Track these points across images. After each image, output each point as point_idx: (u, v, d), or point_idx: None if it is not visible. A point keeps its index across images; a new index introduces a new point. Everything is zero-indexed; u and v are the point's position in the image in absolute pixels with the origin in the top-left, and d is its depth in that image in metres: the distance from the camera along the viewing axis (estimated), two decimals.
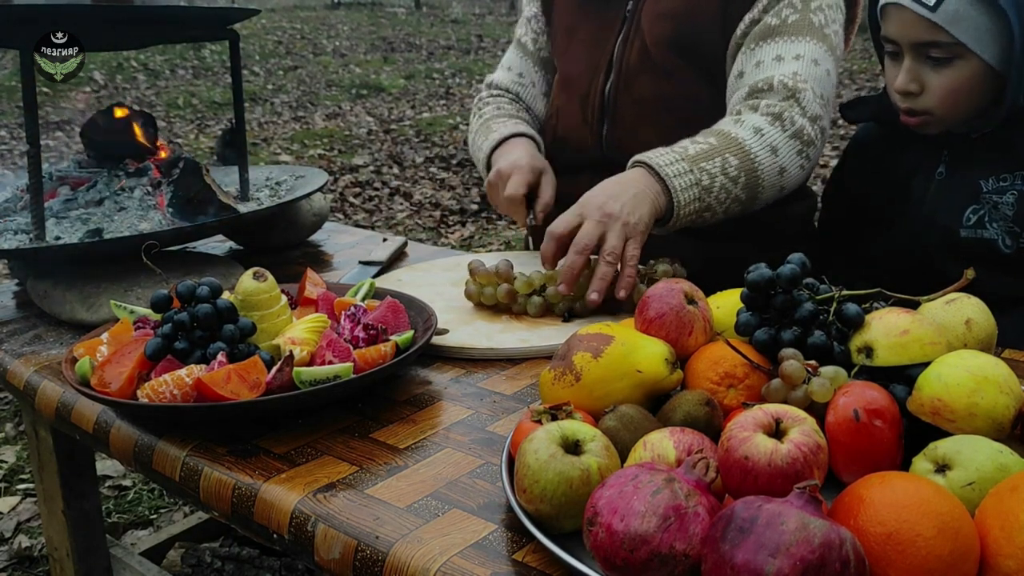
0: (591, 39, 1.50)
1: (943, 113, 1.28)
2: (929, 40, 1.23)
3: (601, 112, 1.47)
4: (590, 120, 1.48)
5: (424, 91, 8.89)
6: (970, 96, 1.26)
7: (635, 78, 1.44)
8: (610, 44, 1.47)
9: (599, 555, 0.63)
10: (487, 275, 1.23)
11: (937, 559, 0.58)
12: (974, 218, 1.28)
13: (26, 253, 1.30)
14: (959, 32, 1.21)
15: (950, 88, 1.25)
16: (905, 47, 1.27)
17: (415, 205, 4.99)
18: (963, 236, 1.29)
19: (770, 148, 1.26)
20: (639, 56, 1.43)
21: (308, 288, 1.13)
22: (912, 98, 1.29)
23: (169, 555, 1.86)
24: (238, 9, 1.49)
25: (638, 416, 0.79)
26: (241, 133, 1.54)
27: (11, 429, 2.59)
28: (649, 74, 1.43)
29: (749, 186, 1.25)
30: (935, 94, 1.26)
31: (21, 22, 1.27)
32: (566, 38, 1.55)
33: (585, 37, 1.52)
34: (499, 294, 1.21)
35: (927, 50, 1.25)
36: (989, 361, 0.75)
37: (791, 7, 1.34)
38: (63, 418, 1.05)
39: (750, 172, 1.24)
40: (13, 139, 6.29)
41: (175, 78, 9.07)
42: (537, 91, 1.65)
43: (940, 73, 1.25)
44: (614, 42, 1.47)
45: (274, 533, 0.81)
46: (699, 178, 1.21)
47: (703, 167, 1.22)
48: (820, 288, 0.87)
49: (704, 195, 1.22)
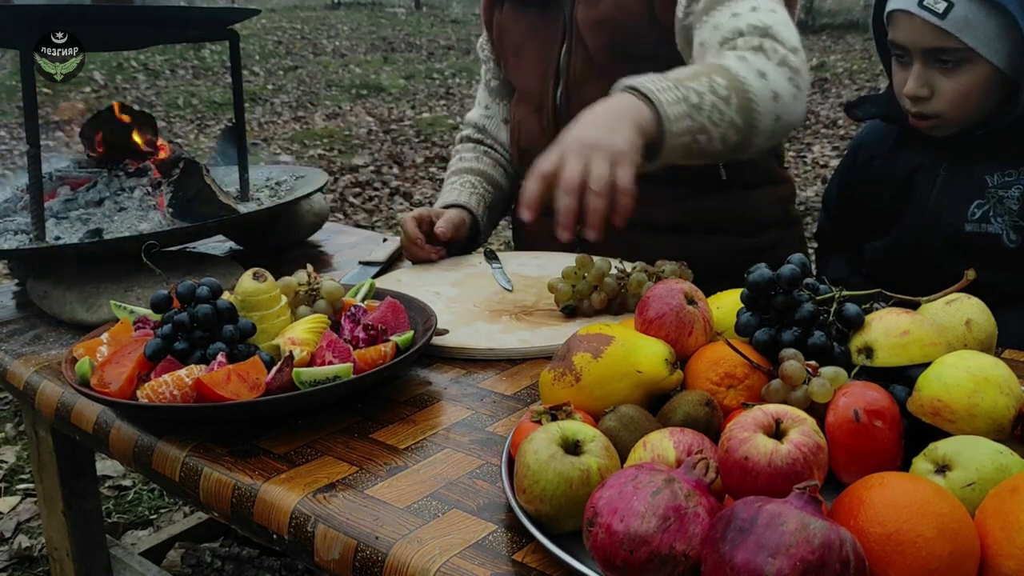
0: (537, 53, 1.55)
1: (953, 116, 1.29)
2: (939, 46, 1.24)
3: (555, 119, 1.51)
4: (546, 127, 1.52)
5: (424, 91, 8.89)
6: (980, 99, 1.27)
7: (582, 85, 1.47)
8: (555, 53, 1.51)
9: (599, 555, 0.63)
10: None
11: (937, 559, 0.58)
12: (979, 213, 1.29)
13: (26, 253, 1.30)
14: (968, 38, 1.21)
15: (960, 92, 1.26)
16: (915, 53, 1.28)
17: (415, 205, 4.99)
18: (968, 231, 1.29)
19: (757, 72, 1.17)
20: (583, 63, 1.47)
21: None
22: (922, 102, 1.29)
23: (169, 555, 1.86)
24: (238, 9, 1.49)
25: (638, 416, 0.79)
26: (241, 133, 1.54)
27: (11, 429, 2.59)
28: (595, 79, 1.43)
29: (743, 108, 1.15)
30: (945, 98, 1.27)
31: (21, 22, 1.27)
32: (515, 57, 1.62)
33: (531, 53, 1.57)
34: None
35: (937, 55, 1.25)
36: (989, 361, 0.75)
37: None
38: (63, 418, 1.05)
39: (741, 93, 1.15)
40: (13, 139, 6.29)
41: (175, 78, 9.07)
42: (499, 119, 1.74)
43: (950, 78, 1.26)
44: (559, 51, 1.51)
45: (274, 533, 0.81)
46: (685, 94, 1.11)
47: (688, 85, 1.12)
48: (820, 289, 0.87)
49: (695, 113, 1.11)
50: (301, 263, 1.16)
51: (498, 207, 1.69)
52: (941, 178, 1.34)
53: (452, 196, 1.60)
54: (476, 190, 1.62)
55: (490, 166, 1.69)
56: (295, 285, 1.09)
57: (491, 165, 1.70)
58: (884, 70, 1.41)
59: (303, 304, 1.09)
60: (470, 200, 1.58)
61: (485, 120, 1.75)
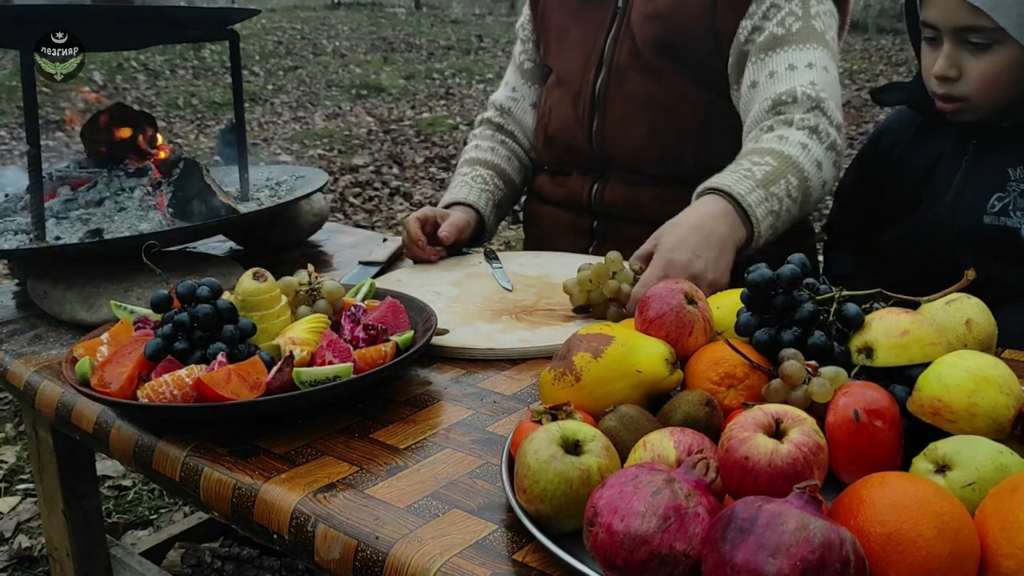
0: (582, 39, 1.55)
1: (980, 100, 1.29)
2: (970, 25, 1.24)
3: (592, 107, 1.52)
4: (581, 115, 1.53)
5: (424, 91, 8.89)
6: (1007, 83, 1.27)
7: (625, 75, 1.48)
8: (600, 42, 1.52)
9: (599, 555, 0.63)
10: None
11: (937, 559, 0.58)
12: (999, 205, 1.29)
13: (26, 253, 1.30)
14: (1000, 17, 1.21)
15: (989, 74, 1.26)
16: (945, 32, 1.28)
17: (415, 205, 4.99)
18: (986, 223, 1.30)
19: (816, 163, 1.27)
20: (629, 55, 1.48)
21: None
22: (950, 83, 1.30)
23: (169, 555, 1.86)
24: (238, 9, 1.49)
25: (638, 416, 0.79)
26: (241, 133, 1.54)
27: (11, 429, 2.59)
28: (639, 72, 1.47)
29: (802, 205, 1.26)
30: (973, 80, 1.27)
31: (21, 22, 1.27)
32: (558, 41, 1.61)
33: (577, 38, 1.57)
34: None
35: (967, 35, 1.25)
36: (989, 361, 0.75)
37: (792, 15, 1.36)
38: (63, 418, 1.05)
39: (805, 191, 1.25)
40: (13, 139, 6.29)
41: (175, 78, 9.07)
42: (527, 103, 1.72)
43: (979, 59, 1.26)
44: (604, 40, 1.52)
45: (274, 533, 0.81)
46: (772, 205, 1.21)
47: (772, 192, 1.21)
48: (820, 288, 0.87)
49: (775, 221, 1.22)
50: (301, 263, 1.16)
51: (506, 204, 1.68)
52: (963, 169, 1.34)
53: (461, 193, 1.59)
54: (487, 186, 1.61)
55: (505, 159, 1.68)
56: (295, 285, 1.09)
57: (506, 158, 1.69)
58: (915, 55, 1.41)
59: (303, 304, 1.09)
60: (479, 199, 1.58)
61: (511, 102, 1.73)
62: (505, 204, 1.67)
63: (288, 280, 1.09)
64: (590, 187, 1.55)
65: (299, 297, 1.09)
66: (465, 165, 1.68)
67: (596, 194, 1.54)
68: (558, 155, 1.60)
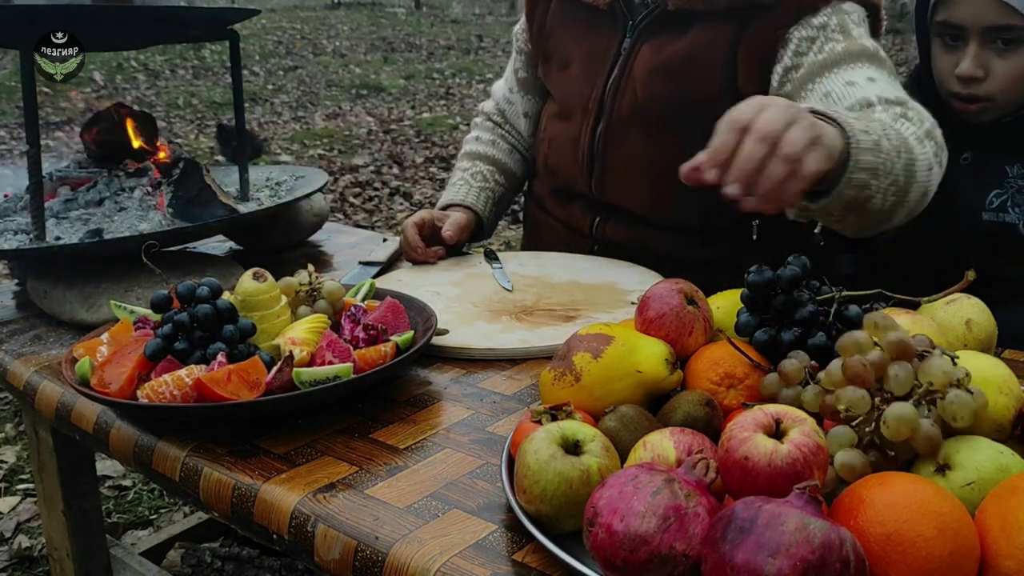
0: (583, 77, 1.44)
1: (1004, 99, 1.28)
2: (1002, 24, 1.23)
3: (591, 158, 1.43)
4: (580, 163, 1.44)
5: (424, 91, 8.89)
6: None
7: (626, 131, 1.38)
8: (600, 84, 1.41)
9: (599, 555, 0.63)
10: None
11: (937, 559, 0.58)
12: (997, 202, 1.30)
13: (26, 253, 1.30)
14: None
15: (1014, 74, 1.26)
16: (973, 32, 1.26)
17: (415, 205, 4.98)
18: (985, 219, 1.30)
19: (917, 138, 1.06)
20: (630, 109, 1.37)
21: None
22: (975, 84, 1.28)
23: (169, 555, 1.86)
24: (238, 9, 1.49)
25: (638, 416, 0.79)
26: (241, 133, 1.54)
27: (11, 429, 2.59)
28: (641, 129, 1.36)
29: (907, 168, 1.02)
30: (999, 80, 1.27)
31: (21, 22, 1.27)
32: (560, 71, 1.50)
33: (577, 73, 1.46)
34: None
35: (997, 35, 1.24)
36: (989, 361, 0.75)
37: (833, 40, 1.22)
38: (63, 418, 1.05)
39: (906, 152, 1.03)
40: (13, 139, 6.28)
41: (175, 78, 9.07)
42: (519, 111, 1.66)
43: (1006, 59, 1.26)
44: (604, 83, 1.40)
45: (274, 533, 0.81)
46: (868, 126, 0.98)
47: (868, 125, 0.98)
48: (821, 289, 0.87)
49: (877, 149, 0.97)
50: (301, 263, 1.16)
51: (507, 199, 1.66)
52: (962, 167, 1.34)
53: (460, 194, 1.57)
54: (487, 184, 1.59)
55: (506, 152, 1.66)
56: (295, 285, 1.09)
57: (507, 151, 1.66)
58: (919, 56, 1.39)
59: (303, 304, 1.09)
60: (478, 199, 1.56)
61: (506, 105, 1.69)
62: (506, 199, 1.65)
63: (288, 280, 1.09)
64: (591, 220, 1.48)
65: (299, 297, 1.09)
66: (465, 159, 1.66)
67: (598, 228, 1.47)
68: (558, 187, 1.54)
